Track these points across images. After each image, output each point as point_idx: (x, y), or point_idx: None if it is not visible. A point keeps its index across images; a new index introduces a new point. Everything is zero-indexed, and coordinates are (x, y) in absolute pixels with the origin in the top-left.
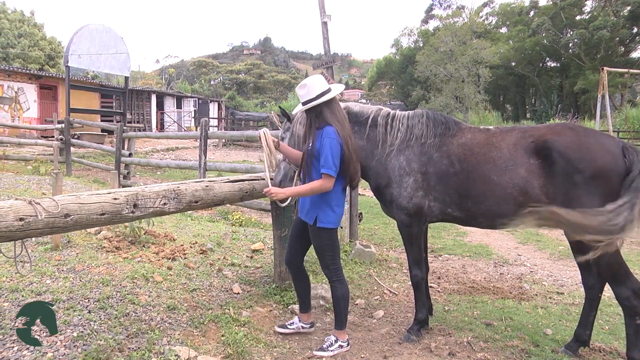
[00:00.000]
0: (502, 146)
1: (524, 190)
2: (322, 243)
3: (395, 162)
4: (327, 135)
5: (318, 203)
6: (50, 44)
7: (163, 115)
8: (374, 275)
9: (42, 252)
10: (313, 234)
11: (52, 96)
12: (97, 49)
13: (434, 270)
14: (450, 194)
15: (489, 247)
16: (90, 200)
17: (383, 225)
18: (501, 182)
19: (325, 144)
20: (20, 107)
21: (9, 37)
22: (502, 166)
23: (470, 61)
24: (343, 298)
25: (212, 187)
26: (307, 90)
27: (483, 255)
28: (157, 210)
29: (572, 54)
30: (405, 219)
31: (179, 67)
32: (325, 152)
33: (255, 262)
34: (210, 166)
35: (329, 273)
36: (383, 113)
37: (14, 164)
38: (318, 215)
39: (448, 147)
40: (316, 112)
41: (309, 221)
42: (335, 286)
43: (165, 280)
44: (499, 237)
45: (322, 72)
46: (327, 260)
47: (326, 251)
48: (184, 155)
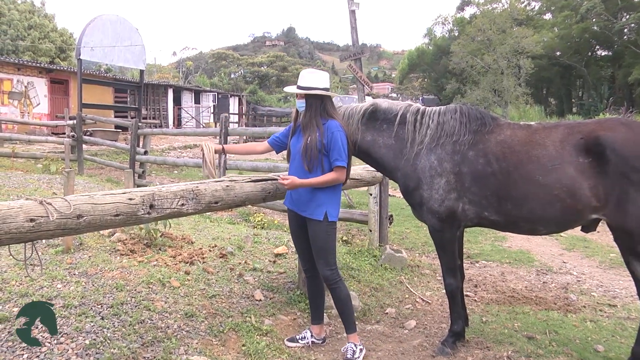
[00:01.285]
0: (547, 143)
1: (572, 192)
2: (328, 241)
3: (426, 162)
4: (335, 128)
5: (329, 197)
6: (62, 36)
7: (180, 110)
8: (405, 283)
9: (53, 254)
10: (320, 231)
11: (64, 91)
12: (111, 40)
13: (471, 277)
14: (487, 196)
15: (531, 254)
16: (104, 200)
17: (415, 228)
18: (546, 183)
19: (336, 137)
20: (30, 103)
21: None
22: (547, 165)
23: (510, 51)
24: (348, 299)
25: (233, 187)
26: (318, 78)
27: (524, 262)
28: (174, 212)
29: (627, 40)
30: (436, 224)
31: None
32: (337, 146)
33: (279, 267)
34: (231, 165)
35: (331, 275)
36: (412, 109)
37: (24, 162)
38: (327, 209)
39: (484, 144)
40: (321, 103)
41: (316, 217)
42: (338, 287)
43: (183, 286)
44: (542, 243)
45: (349, 64)
46: (330, 259)
47: (331, 250)
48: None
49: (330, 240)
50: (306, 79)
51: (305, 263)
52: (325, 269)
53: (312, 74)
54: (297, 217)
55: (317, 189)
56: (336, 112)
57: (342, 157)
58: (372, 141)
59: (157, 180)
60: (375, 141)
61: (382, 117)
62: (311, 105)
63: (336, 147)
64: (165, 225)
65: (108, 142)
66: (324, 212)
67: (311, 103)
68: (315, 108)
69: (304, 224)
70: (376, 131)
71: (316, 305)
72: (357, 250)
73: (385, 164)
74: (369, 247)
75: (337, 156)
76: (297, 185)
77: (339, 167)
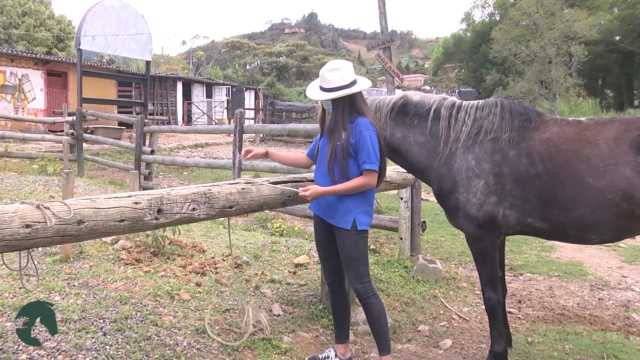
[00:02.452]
0: (599, 141)
1: (628, 196)
2: (359, 251)
3: (462, 162)
4: (364, 127)
5: (357, 202)
6: (59, 24)
7: (190, 105)
8: (440, 297)
9: (51, 264)
10: (348, 241)
11: (62, 84)
12: (114, 29)
13: (514, 292)
14: (530, 201)
15: (583, 266)
16: (108, 204)
17: (451, 236)
18: (598, 186)
19: (365, 136)
20: (25, 97)
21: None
22: (599, 166)
23: (560, 37)
24: (383, 315)
25: (250, 190)
26: (342, 75)
27: (575, 275)
28: (184, 217)
29: None
30: (474, 231)
31: (209, 49)
32: (366, 146)
33: (299, 278)
34: (246, 165)
35: (362, 288)
36: (447, 103)
37: (18, 162)
38: (356, 217)
39: (528, 143)
40: (349, 101)
41: (344, 226)
42: (371, 302)
43: (194, 299)
44: (596, 254)
45: (378, 53)
46: (361, 271)
47: (362, 260)
48: (214, 152)
49: (360, 250)
50: (328, 78)
51: (329, 275)
52: (356, 282)
53: (333, 71)
54: (323, 223)
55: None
56: (367, 108)
57: (372, 159)
58: (402, 138)
59: (165, 182)
60: (405, 138)
61: (413, 111)
62: (338, 106)
63: (365, 148)
64: (175, 231)
65: (111, 141)
66: (353, 219)
67: (338, 104)
68: (342, 108)
69: (331, 232)
70: (406, 127)
71: (341, 322)
72: (386, 260)
73: (416, 164)
74: (400, 257)
75: (365, 158)
76: (320, 195)
77: (369, 170)
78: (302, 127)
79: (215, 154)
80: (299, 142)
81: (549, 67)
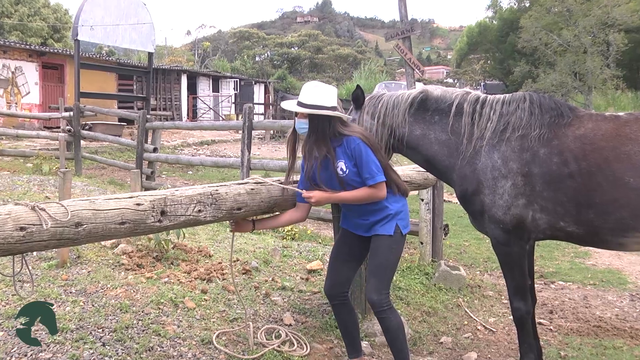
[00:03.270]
0: None
1: None
2: (390, 258)
3: (487, 161)
4: (354, 143)
5: (400, 207)
6: (55, 13)
7: (196, 100)
8: (463, 306)
9: (46, 269)
10: (387, 245)
11: (58, 77)
12: (114, 18)
13: (545, 301)
14: (563, 203)
15: (622, 274)
16: (108, 205)
17: (475, 240)
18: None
19: (360, 152)
20: (18, 91)
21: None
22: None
23: (596, 24)
24: (400, 329)
25: (259, 191)
26: (325, 94)
27: (613, 283)
28: (190, 219)
29: None
30: (501, 236)
31: (216, 39)
32: (362, 160)
33: (312, 285)
34: (256, 164)
35: (378, 300)
36: (471, 98)
37: (11, 160)
38: (398, 222)
39: (560, 140)
40: (329, 125)
41: (386, 232)
42: (388, 317)
43: (199, 307)
44: (637, 260)
45: (397, 43)
46: (385, 281)
47: (390, 269)
48: (221, 150)
49: (391, 257)
50: (310, 94)
51: (333, 286)
52: (373, 292)
53: (317, 88)
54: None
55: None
56: (351, 127)
57: (373, 172)
58: (421, 136)
59: (169, 182)
60: (425, 136)
61: (434, 107)
62: (316, 128)
63: (362, 163)
64: (179, 235)
65: (111, 138)
66: (395, 224)
67: (317, 124)
68: (322, 130)
69: (362, 240)
70: (427, 124)
71: (351, 336)
72: (406, 266)
73: (437, 164)
74: (420, 263)
75: (367, 174)
76: (326, 201)
77: (375, 184)
78: None
79: (222, 152)
80: None
81: (583, 58)
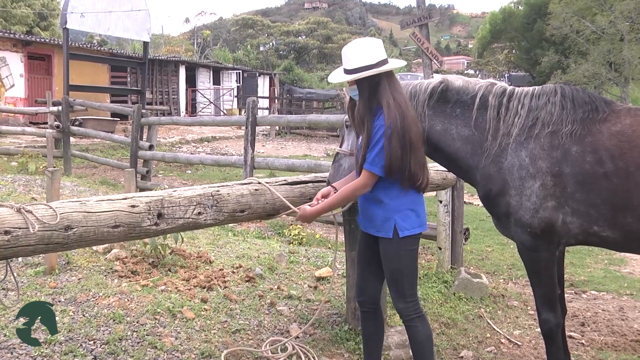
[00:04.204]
0: None
1: None
2: (402, 263)
3: (514, 160)
4: (378, 123)
5: (399, 204)
6: None
7: (195, 93)
8: (486, 317)
9: (33, 276)
10: (392, 251)
11: (45, 69)
12: (106, 4)
13: (576, 312)
14: (597, 205)
15: None
16: (100, 207)
17: (499, 245)
18: None
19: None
20: (2, 84)
21: None
22: None
23: (635, 9)
24: (428, 341)
25: (264, 192)
26: (366, 51)
27: None
28: (189, 222)
29: None
30: (528, 241)
31: (217, 28)
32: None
33: (321, 294)
34: (260, 163)
35: (406, 308)
36: (496, 90)
37: None
38: (397, 222)
39: (595, 137)
40: (375, 87)
41: (385, 234)
42: (415, 325)
43: (199, 317)
44: None
45: (413, 32)
46: (405, 288)
47: (406, 275)
48: (223, 147)
49: (403, 262)
50: (350, 57)
51: (361, 293)
52: (397, 300)
53: (357, 48)
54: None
55: (384, 199)
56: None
57: (371, 158)
58: (442, 131)
59: (166, 182)
60: (446, 131)
61: (455, 98)
62: (362, 93)
63: (370, 144)
64: (177, 239)
65: (103, 134)
66: (393, 225)
67: (362, 89)
68: (366, 96)
69: (376, 242)
70: (447, 118)
71: (371, 349)
72: (423, 273)
73: (459, 162)
74: (438, 270)
75: (366, 158)
76: (310, 216)
77: (365, 170)
78: (325, 119)
79: (223, 150)
80: (321, 135)
81: (620, 46)
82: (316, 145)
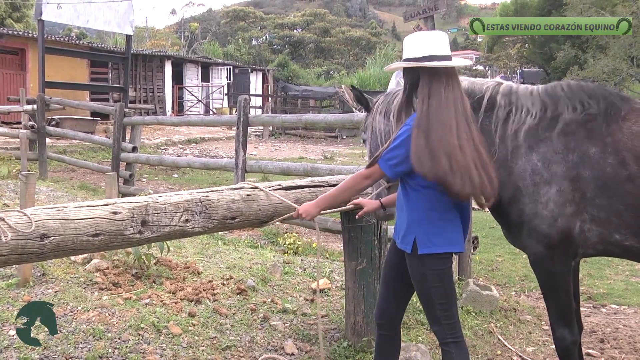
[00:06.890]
0: None
1: None
2: (430, 284)
3: (525, 164)
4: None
5: (422, 215)
6: None
7: (182, 91)
8: (496, 333)
9: (5, 289)
10: (416, 270)
11: (18, 64)
12: None
13: (594, 328)
14: (620, 212)
15: None
16: (79, 214)
17: (510, 255)
18: None
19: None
20: None
21: None
22: None
23: None
24: None
25: (257, 197)
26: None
27: None
28: (175, 230)
29: None
30: (542, 252)
31: (206, 20)
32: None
33: (318, 307)
34: (252, 166)
35: (440, 331)
36: (503, 89)
37: None
38: (417, 236)
39: (614, 138)
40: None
41: (405, 248)
42: (449, 351)
43: (186, 333)
44: None
45: (417, 24)
46: (437, 311)
47: (435, 297)
48: (212, 149)
49: (431, 285)
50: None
51: (380, 315)
52: (432, 323)
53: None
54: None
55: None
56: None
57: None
58: None
59: (151, 186)
60: None
61: None
62: (405, 86)
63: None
64: (162, 249)
65: (82, 135)
66: (412, 239)
67: (405, 82)
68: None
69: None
70: None
71: None
72: None
73: None
74: None
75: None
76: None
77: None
78: (322, 118)
79: (213, 152)
80: (318, 136)
81: None
82: (313, 147)
